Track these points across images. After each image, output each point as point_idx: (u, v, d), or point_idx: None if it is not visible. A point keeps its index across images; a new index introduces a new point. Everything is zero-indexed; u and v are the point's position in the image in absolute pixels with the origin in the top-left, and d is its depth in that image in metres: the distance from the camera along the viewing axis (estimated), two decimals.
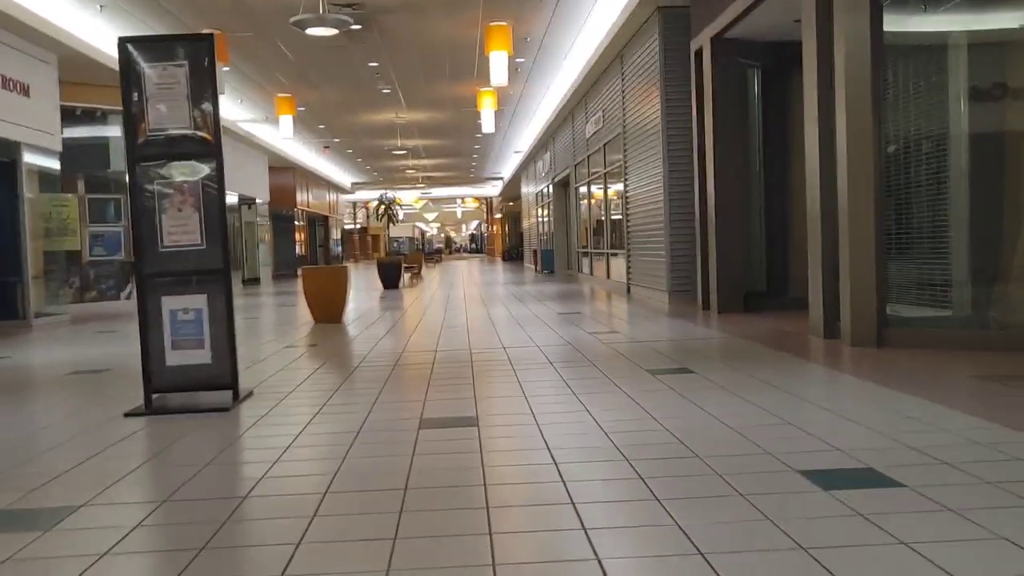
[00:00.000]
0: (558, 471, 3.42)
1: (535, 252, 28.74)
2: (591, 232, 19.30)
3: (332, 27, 10.82)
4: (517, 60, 16.51)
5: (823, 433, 3.87)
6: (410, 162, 33.29)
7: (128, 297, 15.90)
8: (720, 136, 10.11)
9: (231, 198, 23.71)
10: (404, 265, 22.08)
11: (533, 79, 18.73)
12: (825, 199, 7.17)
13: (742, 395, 4.85)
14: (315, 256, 39.63)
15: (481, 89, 19.29)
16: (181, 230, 5.15)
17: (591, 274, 19.15)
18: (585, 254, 20.30)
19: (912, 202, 6.92)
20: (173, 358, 5.19)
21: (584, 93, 18.01)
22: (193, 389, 5.29)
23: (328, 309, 10.92)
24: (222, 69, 13.51)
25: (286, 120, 19.67)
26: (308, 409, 5.00)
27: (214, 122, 5.25)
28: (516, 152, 32.38)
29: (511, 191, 45.39)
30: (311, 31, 10.93)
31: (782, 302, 10.50)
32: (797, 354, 6.61)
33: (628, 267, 14.71)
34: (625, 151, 14.55)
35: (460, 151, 32.47)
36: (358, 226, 64.89)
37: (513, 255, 49.41)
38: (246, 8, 12.66)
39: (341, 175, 40.01)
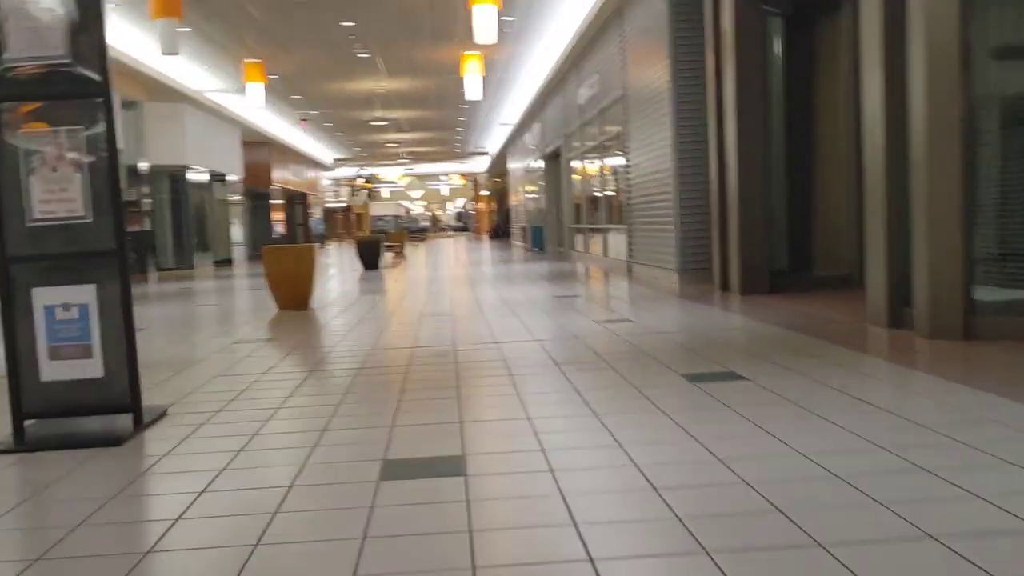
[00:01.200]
0: None
1: (524, 229, 27.37)
2: (585, 208, 17.93)
3: None
4: (504, 19, 15.07)
5: (992, 492, 2.54)
6: (393, 136, 31.81)
7: None
8: (743, 95, 8.74)
9: (201, 175, 22.25)
10: (385, 244, 20.67)
11: (521, 41, 17.28)
12: (891, 156, 5.82)
13: (827, 416, 3.52)
14: (295, 236, 38.12)
15: (466, 52, 17.84)
16: (57, 197, 3.77)
17: (586, 252, 17.82)
18: (578, 231, 18.93)
19: (1007, 156, 5.59)
20: (51, 371, 3.82)
21: (578, 55, 16.58)
22: (80, 413, 3.93)
23: (293, 294, 9.55)
24: (174, 25, 12.04)
25: (255, 88, 18.16)
26: (230, 442, 3.64)
27: (101, 53, 3.83)
28: (503, 124, 30.91)
29: (498, 167, 43.94)
30: None
31: (808, 282, 9.20)
32: (865, 350, 5.30)
33: (629, 244, 13.36)
34: (626, 117, 13.17)
35: (444, 123, 30.98)
36: (342, 204, 63.31)
37: (500, 232, 48.03)
38: None
39: (321, 151, 38.44)
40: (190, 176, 21.46)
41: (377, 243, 18.46)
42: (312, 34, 16.32)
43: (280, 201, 33.59)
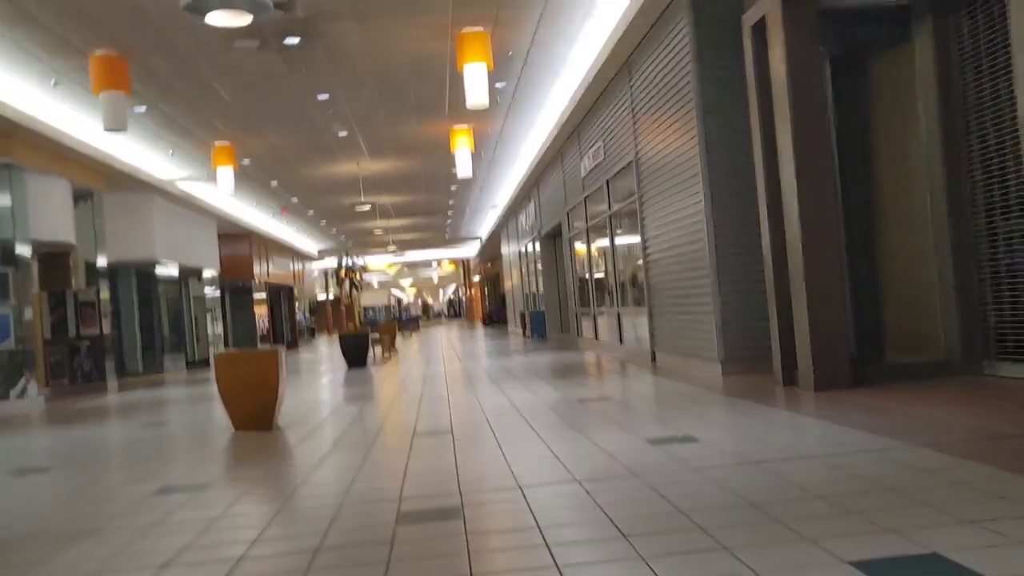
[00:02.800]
0: None
1: (522, 315, 25.61)
2: (592, 288, 16.20)
3: (245, 10, 7.73)
4: (496, 85, 13.61)
5: None
6: (378, 223, 30.29)
7: (21, 396, 12.56)
8: (802, 141, 7.08)
9: (172, 270, 20.52)
10: (374, 338, 18.84)
11: (515, 110, 15.82)
12: None
13: None
14: (280, 332, 36.27)
15: (455, 127, 16.37)
16: None
17: (595, 338, 16.01)
18: (585, 314, 17.16)
19: None
20: None
21: (578, 121, 15.09)
22: None
23: (253, 412, 7.68)
24: (120, 99, 10.45)
25: (225, 173, 16.56)
26: None
27: None
28: (493, 207, 29.50)
29: (489, 251, 42.48)
30: (215, 19, 7.84)
31: (892, 371, 7.42)
32: None
33: (651, 328, 11.58)
34: (639, 183, 11.55)
35: (432, 207, 29.50)
36: (330, 297, 61.63)
37: (494, 319, 46.28)
38: (153, 26, 9.65)
39: (305, 241, 36.89)
40: (160, 272, 19.72)
41: (363, 337, 16.62)
42: (285, 110, 14.82)
43: (263, 296, 31.83)
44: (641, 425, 6.07)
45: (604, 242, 14.86)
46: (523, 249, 26.16)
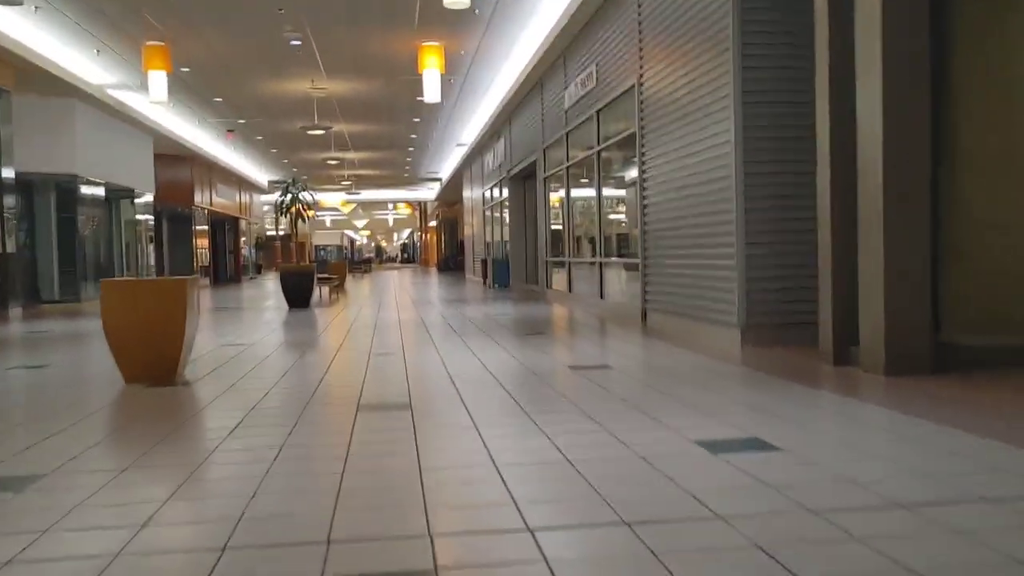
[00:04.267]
0: None
1: (484, 263, 23.85)
2: (570, 236, 14.49)
3: None
4: None
5: None
6: (334, 153, 28.12)
7: None
8: (896, 75, 5.37)
9: (94, 188, 18.31)
10: (319, 277, 16.96)
11: (495, 28, 13.90)
12: None
13: None
14: (224, 266, 34.06)
15: (424, 44, 14.41)
16: None
17: (568, 291, 14.35)
18: (559, 264, 15.48)
19: None
20: None
21: (566, 44, 13.24)
22: None
23: (149, 360, 5.89)
24: None
25: (158, 78, 14.45)
26: None
27: None
28: (459, 145, 27.50)
29: (450, 195, 40.47)
30: None
31: (958, 355, 5.85)
32: None
33: (644, 283, 9.94)
34: (641, 113, 9.81)
35: (393, 141, 27.41)
36: (281, 232, 59.08)
37: (451, 265, 44.47)
38: None
39: (254, 171, 34.52)
40: (83, 190, 17.50)
41: (307, 275, 14.73)
42: (229, 7, 12.72)
43: (204, 227, 29.57)
44: (676, 414, 4.40)
45: (587, 184, 13.13)
46: (488, 192, 24.32)
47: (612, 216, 12.15)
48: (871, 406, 4.52)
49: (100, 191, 18.61)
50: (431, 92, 14.72)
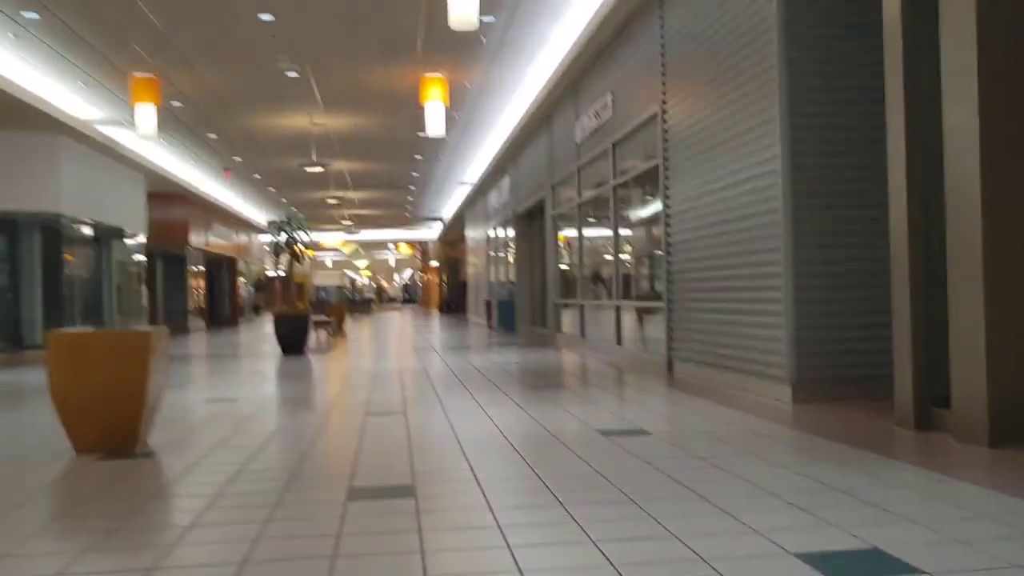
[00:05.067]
0: None
1: (487, 304, 22.93)
2: (582, 275, 13.61)
3: None
4: (484, 19, 10.93)
5: None
6: (333, 192, 27.33)
7: None
8: (993, 80, 4.54)
9: (81, 227, 17.48)
10: (318, 321, 16.06)
11: (502, 59, 13.15)
12: None
13: None
14: (220, 309, 33.16)
15: (427, 75, 13.66)
16: None
17: (581, 335, 13.42)
18: (570, 306, 14.58)
19: None
20: None
21: (578, 75, 12.47)
22: None
23: (108, 425, 4.96)
24: None
25: (145, 111, 13.64)
26: None
27: None
28: (461, 183, 26.73)
29: (451, 234, 39.70)
30: None
31: None
32: None
33: (669, 328, 9.03)
34: (666, 143, 8.98)
35: (394, 180, 26.64)
36: (281, 273, 58.30)
37: (452, 307, 43.56)
38: None
39: (251, 211, 33.76)
40: (70, 229, 16.64)
41: (302, 318, 13.82)
42: (222, 38, 11.98)
43: (200, 267, 28.69)
44: (753, 506, 3.47)
45: (601, 221, 12.28)
46: (492, 231, 23.50)
47: (629, 255, 11.28)
48: (1003, 496, 3.57)
49: (89, 231, 17.76)
50: (434, 125, 13.92)
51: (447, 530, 3.28)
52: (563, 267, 15.18)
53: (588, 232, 13.28)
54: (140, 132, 13.86)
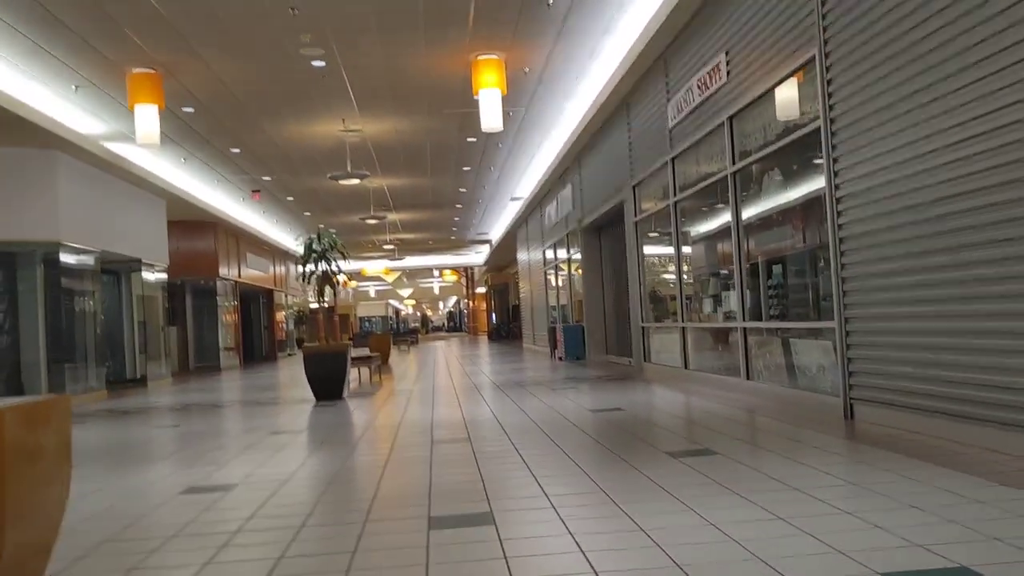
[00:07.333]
0: None
1: (551, 330, 20.34)
2: (682, 290, 10.97)
3: None
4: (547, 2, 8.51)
5: None
6: (374, 214, 25.00)
7: None
8: None
9: (84, 258, 15.29)
10: (356, 358, 13.63)
11: (568, 36, 10.66)
12: None
13: None
14: (257, 345, 31.05)
15: (479, 56, 11.29)
16: None
17: (684, 367, 10.76)
18: (663, 331, 11.94)
19: None
20: None
21: (673, 36, 9.94)
22: None
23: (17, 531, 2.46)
24: None
25: (146, 113, 11.41)
26: None
27: None
28: (514, 199, 24.31)
29: (500, 258, 37.28)
30: None
31: None
32: None
33: (847, 360, 6.37)
34: (830, 95, 6.39)
35: (439, 197, 24.25)
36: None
37: (503, 333, 41.05)
38: None
39: (288, 239, 31.59)
40: (65, 259, 14.44)
41: (340, 357, 11.36)
42: (234, 19, 9.66)
43: (232, 301, 26.53)
44: None
45: (713, 217, 9.70)
46: (550, 250, 20.98)
47: (759, 258, 8.65)
48: None
49: (88, 260, 15.54)
50: (490, 117, 11.48)
51: None
52: (651, 282, 12.56)
53: (692, 232, 10.66)
54: (141, 139, 11.58)
